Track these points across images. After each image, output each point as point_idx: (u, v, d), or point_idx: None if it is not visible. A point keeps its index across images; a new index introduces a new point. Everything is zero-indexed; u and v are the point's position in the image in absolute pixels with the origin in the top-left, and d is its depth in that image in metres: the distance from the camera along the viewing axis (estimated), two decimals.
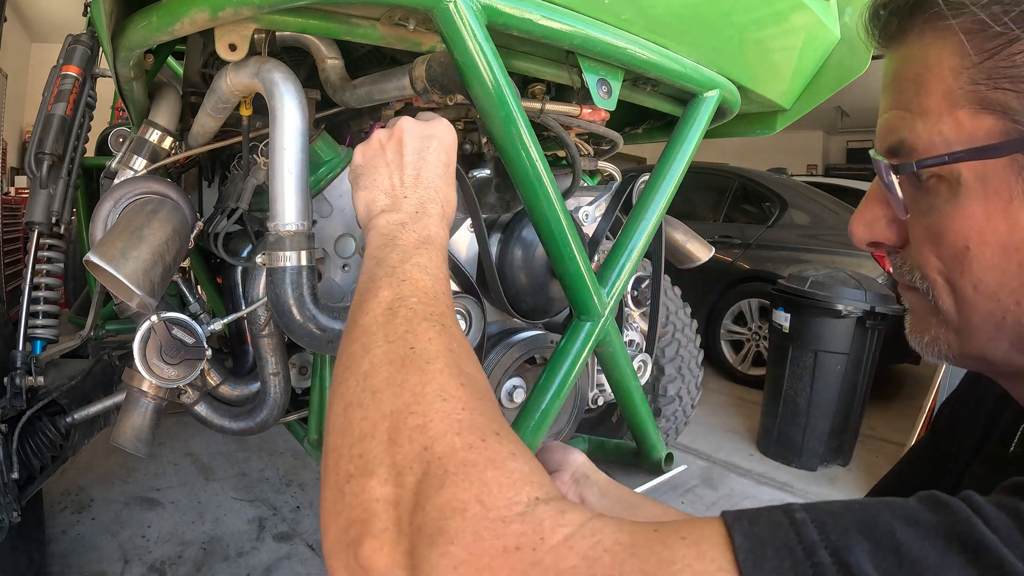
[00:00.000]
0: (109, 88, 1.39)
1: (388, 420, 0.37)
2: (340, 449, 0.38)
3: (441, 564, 0.28)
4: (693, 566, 0.26)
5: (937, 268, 0.39)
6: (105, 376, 1.50)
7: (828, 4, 1.14)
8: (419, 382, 0.39)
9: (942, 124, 0.36)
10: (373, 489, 0.34)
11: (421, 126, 0.67)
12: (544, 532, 0.28)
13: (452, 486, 0.31)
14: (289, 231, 0.77)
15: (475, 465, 0.33)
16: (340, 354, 0.47)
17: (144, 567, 1.84)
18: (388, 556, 0.31)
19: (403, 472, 0.34)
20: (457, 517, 0.30)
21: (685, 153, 1.03)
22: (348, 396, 0.41)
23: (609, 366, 1.03)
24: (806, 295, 2.76)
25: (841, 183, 6.63)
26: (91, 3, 1.37)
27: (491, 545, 0.28)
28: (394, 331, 0.44)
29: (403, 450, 0.35)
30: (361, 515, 0.33)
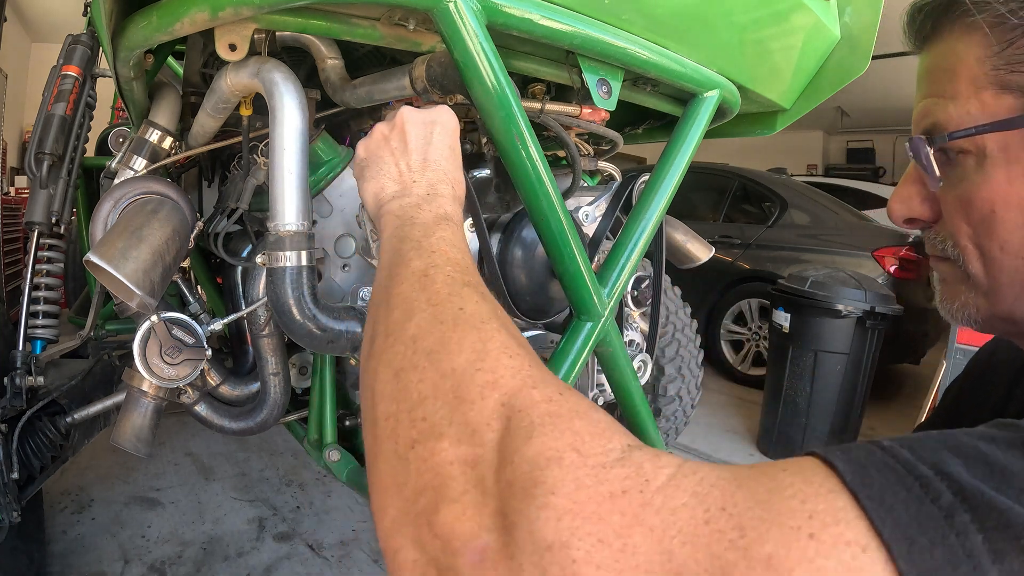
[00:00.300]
0: (109, 88, 1.39)
1: (450, 379, 0.35)
2: (397, 416, 0.35)
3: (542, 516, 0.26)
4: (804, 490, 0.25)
5: (967, 234, 0.44)
6: (105, 376, 1.50)
7: (828, 4, 1.14)
8: (478, 339, 0.38)
9: (969, 104, 0.42)
10: (444, 451, 0.31)
11: (422, 113, 0.67)
12: (647, 474, 0.27)
13: (542, 436, 0.29)
14: (289, 231, 0.77)
15: (561, 416, 0.31)
16: (376, 325, 0.44)
17: (144, 567, 1.84)
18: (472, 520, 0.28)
19: (478, 430, 0.31)
20: (553, 467, 0.28)
21: (685, 153, 1.03)
22: (397, 362, 0.38)
23: (609, 366, 1.03)
24: (806, 295, 2.76)
25: (841, 183, 6.64)
26: (91, 3, 1.37)
27: (596, 491, 0.27)
28: (436, 295, 0.43)
29: (475, 407, 0.33)
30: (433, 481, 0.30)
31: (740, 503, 0.25)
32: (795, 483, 0.26)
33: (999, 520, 0.23)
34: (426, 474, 0.31)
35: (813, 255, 3.97)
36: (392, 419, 0.36)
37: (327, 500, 2.31)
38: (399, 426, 0.35)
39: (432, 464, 0.31)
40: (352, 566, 1.92)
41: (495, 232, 1.18)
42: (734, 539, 0.24)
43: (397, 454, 0.33)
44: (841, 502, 0.25)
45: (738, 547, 0.24)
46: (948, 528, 0.23)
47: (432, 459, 0.31)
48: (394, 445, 0.34)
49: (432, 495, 0.30)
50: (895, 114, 9.47)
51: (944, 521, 0.23)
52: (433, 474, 0.31)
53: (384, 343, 0.41)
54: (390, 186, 0.62)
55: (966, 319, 0.48)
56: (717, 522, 0.25)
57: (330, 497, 2.33)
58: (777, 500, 0.25)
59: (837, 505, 0.24)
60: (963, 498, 0.24)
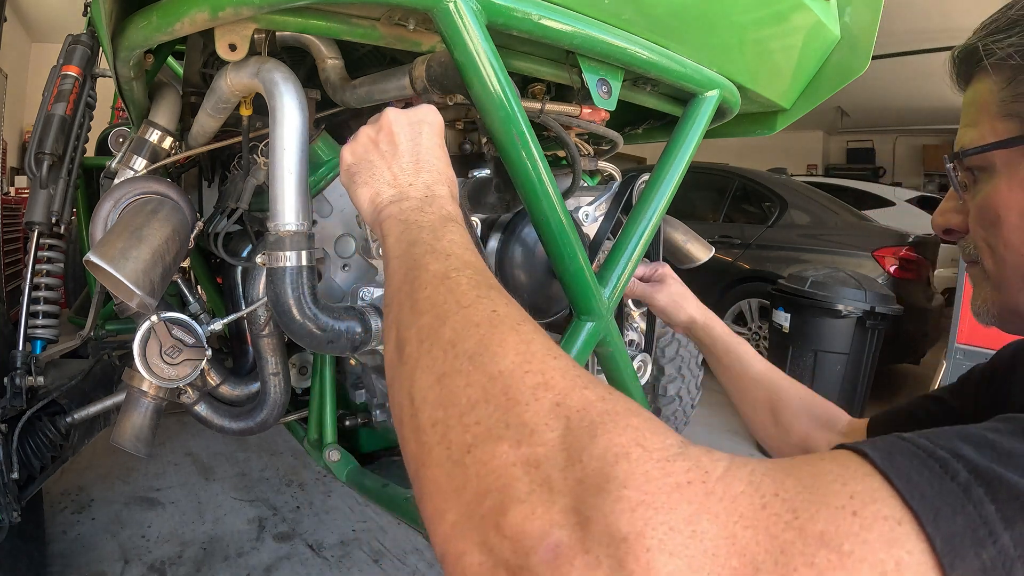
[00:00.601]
0: (109, 88, 1.39)
1: (499, 381, 0.35)
2: (448, 421, 0.35)
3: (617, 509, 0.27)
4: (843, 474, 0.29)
5: (982, 236, 0.53)
6: (105, 376, 1.50)
7: (828, 4, 1.14)
8: (520, 340, 0.38)
9: (983, 130, 0.52)
10: (505, 454, 0.32)
11: (407, 113, 0.66)
12: (706, 466, 0.29)
13: (606, 434, 0.31)
14: (289, 231, 0.77)
15: (618, 414, 0.32)
16: (403, 331, 0.44)
17: (144, 567, 1.84)
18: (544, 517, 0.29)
19: (537, 430, 0.32)
20: (622, 462, 0.29)
21: (685, 153, 1.03)
22: (437, 367, 0.38)
23: (609, 366, 1.03)
24: (806, 295, 2.76)
25: (841, 183, 6.65)
26: (91, 3, 1.37)
27: (664, 483, 0.28)
28: (465, 297, 0.43)
29: (531, 408, 0.33)
30: (496, 483, 0.31)
31: (790, 488, 0.28)
32: (834, 469, 0.29)
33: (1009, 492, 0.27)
34: (488, 477, 0.31)
35: (813, 255, 3.97)
36: (441, 425, 0.36)
37: (327, 500, 2.31)
38: (451, 431, 0.35)
39: (494, 467, 0.32)
40: (352, 566, 1.92)
41: (495, 232, 1.18)
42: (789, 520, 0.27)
43: (451, 459, 0.34)
44: (876, 483, 0.28)
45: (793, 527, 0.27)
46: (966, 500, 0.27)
47: (493, 462, 0.32)
48: (447, 451, 0.34)
49: (497, 497, 0.30)
50: (895, 114, 9.47)
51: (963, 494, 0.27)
52: (495, 476, 0.31)
53: (419, 349, 0.41)
54: (386, 191, 0.61)
55: (987, 314, 0.56)
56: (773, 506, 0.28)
57: (330, 497, 2.33)
58: (821, 484, 0.28)
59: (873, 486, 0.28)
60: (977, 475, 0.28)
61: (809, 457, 0.31)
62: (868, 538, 0.26)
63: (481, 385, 0.36)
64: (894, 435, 0.31)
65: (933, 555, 0.26)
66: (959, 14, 6.47)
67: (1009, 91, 0.50)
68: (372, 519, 2.19)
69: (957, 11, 6.41)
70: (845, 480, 0.29)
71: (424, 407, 0.38)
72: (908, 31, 6.41)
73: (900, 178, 10.01)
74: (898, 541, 0.26)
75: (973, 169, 0.53)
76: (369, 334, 0.85)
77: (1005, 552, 0.26)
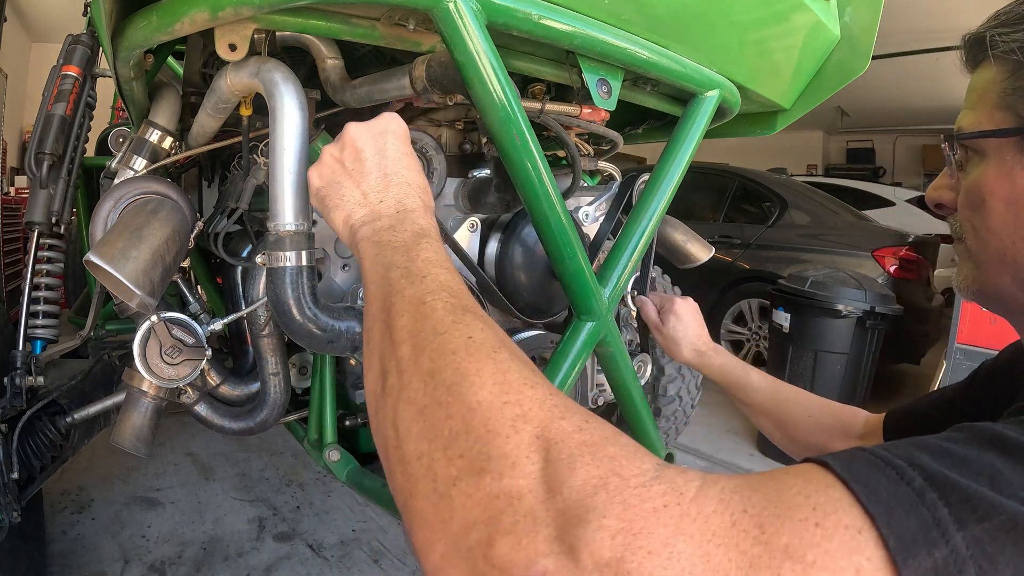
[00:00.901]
0: (109, 88, 1.39)
1: (479, 412, 0.36)
2: (432, 454, 0.36)
3: (598, 537, 0.29)
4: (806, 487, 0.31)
5: (967, 216, 0.55)
6: (105, 376, 1.50)
7: (828, 4, 1.14)
8: (497, 370, 0.39)
9: (981, 115, 0.54)
10: (488, 486, 0.33)
11: (369, 126, 0.65)
12: (680, 488, 0.31)
13: (584, 466, 0.32)
14: (289, 231, 0.77)
15: (595, 444, 0.34)
16: (384, 361, 0.45)
17: (144, 567, 1.84)
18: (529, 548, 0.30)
19: (518, 463, 0.33)
20: (601, 493, 0.31)
21: (685, 153, 1.03)
22: (418, 399, 0.39)
23: (609, 366, 1.03)
24: (806, 295, 2.76)
25: (841, 183, 6.64)
26: (91, 3, 1.37)
27: (641, 509, 0.30)
28: (441, 323, 0.43)
29: (511, 442, 0.34)
30: (482, 516, 0.32)
31: (757, 504, 0.30)
32: (798, 483, 0.31)
33: (961, 496, 0.29)
34: (474, 510, 0.33)
35: (813, 255, 3.97)
36: (426, 458, 0.36)
37: (327, 500, 2.31)
38: (435, 464, 0.36)
39: (478, 499, 0.33)
40: (352, 566, 1.92)
41: (495, 232, 1.18)
42: (756, 535, 0.29)
43: (437, 492, 0.35)
44: (837, 493, 0.30)
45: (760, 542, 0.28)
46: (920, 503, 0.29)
47: (477, 494, 0.33)
48: (433, 483, 0.35)
49: (484, 529, 0.32)
50: (895, 114, 9.46)
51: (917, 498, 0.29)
52: (481, 509, 0.32)
53: (399, 380, 0.42)
54: (357, 211, 0.61)
55: (967, 290, 0.58)
56: (741, 523, 0.29)
57: (330, 497, 2.33)
58: (786, 498, 0.30)
59: (834, 496, 0.30)
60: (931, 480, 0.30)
61: (776, 472, 0.33)
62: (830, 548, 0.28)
63: (461, 416, 0.37)
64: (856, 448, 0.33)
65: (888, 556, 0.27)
66: (959, 14, 6.46)
67: (1009, 83, 0.52)
68: (372, 519, 2.19)
69: (957, 11, 6.41)
70: (808, 493, 0.30)
71: (408, 439, 0.38)
72: (908, 31, 6.40)
73: (900, 178, 10.01)
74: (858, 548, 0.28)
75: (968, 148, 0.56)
76: None
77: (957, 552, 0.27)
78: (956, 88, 8.29)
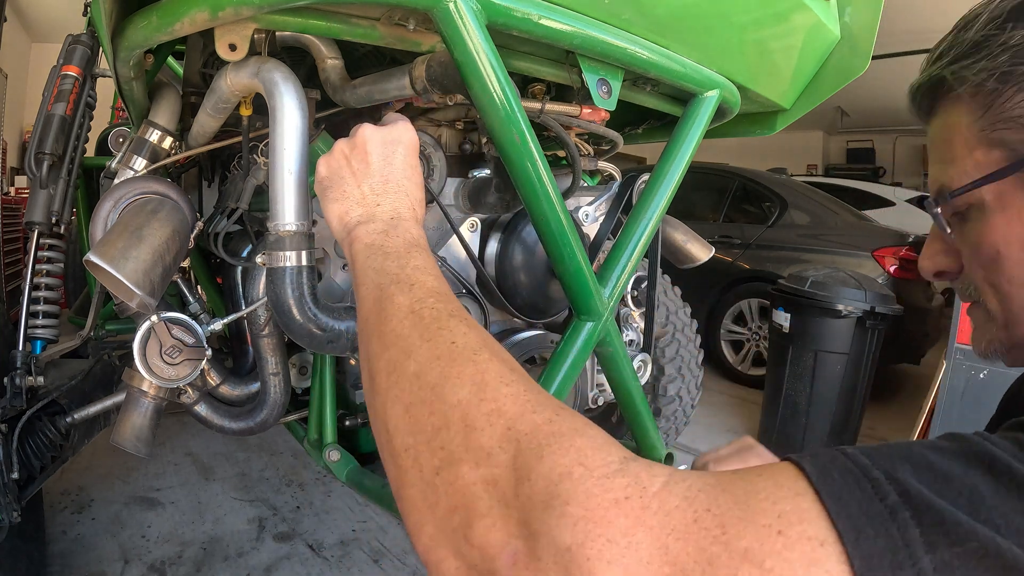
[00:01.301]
0: (109, 88, 1.39)
1: (458, 410, 0.39)
2: (417, 447, 0.40)
3: (561, 524, 0.31)
4: (775, 492, 0.30)
5: (983, 276, 0.50)
6: (105, 376, 1.50)
7: (828, 4, 1.14)
8: (476, 371, 0.42)
9: (966, 164, 0.48)
10: (466, 475, 0.36)
11: (383, 131, 0.68)
12: (644, 482, 0.32)
13: (551, 456, 0.34)
14: (289, 231, 0.77)
15: (563, 435, 0.35)
16: (375, 361, 0.48)
17: (144, 567, 1.84)
18: (502, 530, 0.33)
19: (492, 453, 0.36)
20: (565, 481, 0.32)
21: (685, 153, 1.03)
22: (405, 397, 0.43)
23: (609, 366, 1.03)
24: (806, 295, 2.76)
25: (841, 183, 6.64)
26: (91, 3, 1.37)
27: (603, 499, 0.31)
28: (427, 331, 0.47)
29: (485, 434, 0.37)
30: (461, 501, 0.35)
31: (722, 504, 0.30)
32: (768, 487, 0.31)
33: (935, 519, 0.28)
34: (455, 496, 0.36)
35: (813, 255, 3.96)
36: (412, 450, 0.40)
37: (327, 500, 2.31)
38: (420, 456, 0.39)
39: (459, 487, 0.36)
40: (352, 566, 1.92)
41: (495, 232, 1.18)
42: (717, 535, 0.29)
43: (424, 480, 0.38)
44: (806, 504, 0.29)
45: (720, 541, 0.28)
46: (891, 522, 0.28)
47: (457, 482, 0.36)
48: (419, 473, 0.38)
49: (464, 513, 0.35)
50: (895, 114, 9.45)
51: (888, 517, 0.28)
52: (461, 495, 0.35)
53: (387, 381, 0.45)
54: (355, 209, 0.64)
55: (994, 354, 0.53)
56: (703, 521, 0.29)
57: (330, 497, 2.33)
58: (753, 502, 0.30)
59: (803, 507, 0.29)
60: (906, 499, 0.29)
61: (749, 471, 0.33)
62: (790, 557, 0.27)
63: (443, 413, 0.40)
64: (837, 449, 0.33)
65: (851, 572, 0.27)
66: (959, 14, 6.46)
67: (988, 118, 0.46)
68: (372, 519, 2.19)
69: (957, 11, 6.39)
70: (776, 499, 0.30)
71: (397, 434, 0.42)
72: (908, 31, 6.40)
73: (900, 178, 10.01)
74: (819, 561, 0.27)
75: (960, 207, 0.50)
76: None
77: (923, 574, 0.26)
78: None
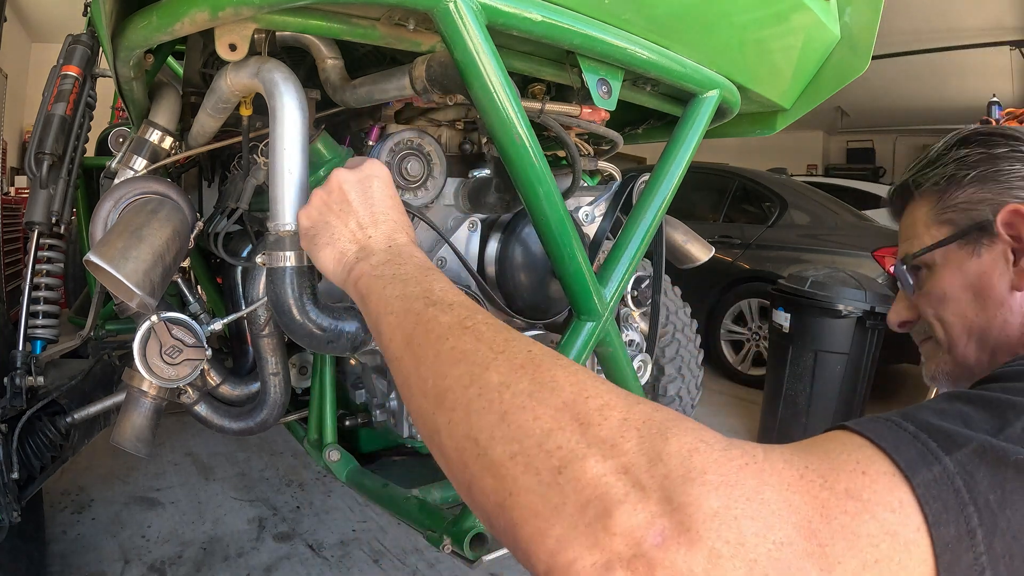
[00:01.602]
0: (109, 88, 1.39)
1: (566, 412, 0.40)
2: (526, 452, 0.40)
3: (705, 491, 0.34)
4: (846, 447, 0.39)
5: (934, 314, 0.71)
6: (105, 376, 1.50)
7: (828, 4, 1.14)
8: (568, 373, 0.44)
9: (924, 238, 0.71)
10: (594, 467, 0.37)
11: (355, 172, 0.70)
12: (751, 451, 0.37)
13: (673, 436, 0.37)
14: (289, 231, 0.77)
15: (675, 419, 0.39)
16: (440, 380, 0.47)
17: (144, 567, 1.84)
18: (645, 511, 0.34)
19: (617, 443, 0.38)
20: (696, 456, 0.36)
21: (685, 153, 1.03)
22: (496, 408, 0.43)
23: (609, 366, 1.03)
24: (806, 295, 2.76)
25: (841, 183, 6.63)
26: (91, 3, 1.37)
27: (730, 467, 0.35)
28: (495, 343, 0.48)
29: (604, 427, 0.39)
30: (595, 493, 0.36)
31: (814, 462, 0.37)
32: (837, 446, 0.39)
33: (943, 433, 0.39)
34: (585, 490, 0.36)
35: (813, 255, 3.96)
36: (521, 456, 0.40)
37: (327, 500, 2.31)
38: (533, 460, 0.39)
39: (588, 481, 0.36)
40: (352, 566, 1.92)
41: (495, 232, 1.18)
42: (822, 484, 0.35)
43: (543, 483, 0.38)
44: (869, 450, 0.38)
45: (826, 487, 0.35)
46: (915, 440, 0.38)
47: (585, 476, 0.37)
48: (536, 477, 0.39)
49: (599, 504, 0.35)
50: (895, 114, 9.46)
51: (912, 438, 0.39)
52: (592, 488, 0.36)
53: (465, 394, 0.45)
54: (350, 248, 0.65)
55: (943, 376, 0.72)
56: (808, 476, 0.36)
57: (330, 497, 2.33)
58: (834, 456, 0.38)
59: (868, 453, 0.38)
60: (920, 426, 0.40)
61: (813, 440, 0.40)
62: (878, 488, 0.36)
63: (550, 416, 0.41)
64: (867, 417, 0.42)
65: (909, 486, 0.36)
66: (959, 14, 6.46)
67: (940, 206, 0.69)
68: (372, 519, 2.19)
69: (957, 11, 6.41)
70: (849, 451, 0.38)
71: (493, 444, 0.42)
72: (908, 31, 6.40)
73: (893, 178, 10.00)
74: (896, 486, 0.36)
75: (919, 268, 0.72)
76: (369, 334, 0.85)
77: (948, 469, 0.36)
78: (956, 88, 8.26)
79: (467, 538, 0.97)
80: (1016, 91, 7.54)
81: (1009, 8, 6.27)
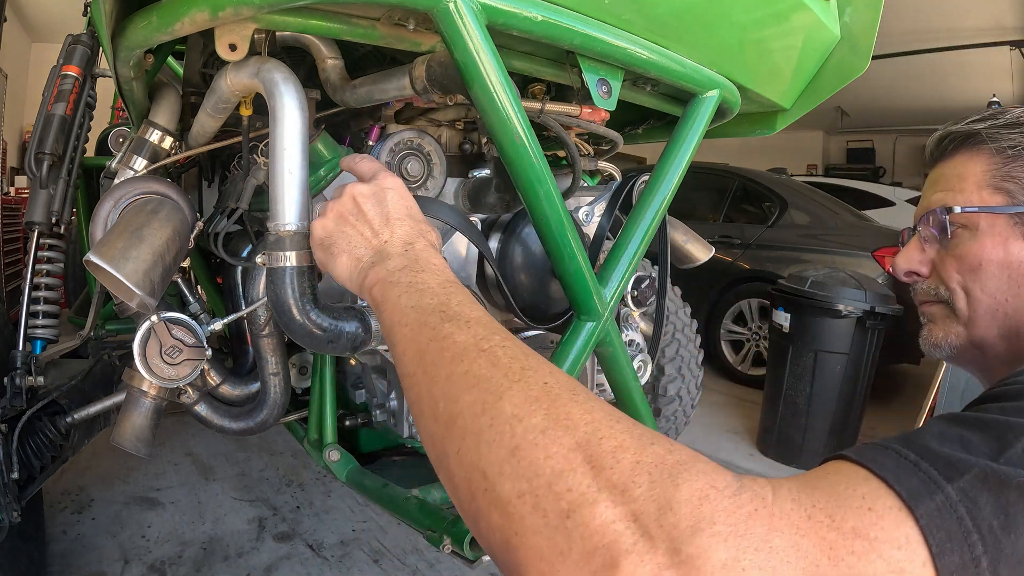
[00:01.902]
0: (109, 88, 1.39)
1: (579, 452, 0.39)
2: (535, 492, 0.38)
3: (714, 543, 0.33)
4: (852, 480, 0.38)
5: (958, 280, 0.67)
6: (105, 376, 1.50)
7: (828, 4, 1.14)
8: (583, 411, 0.42)
9: (972, 197, 0.66)
10: (604, 513, 0.35)
11: (368, 184, 0.68)
12: (761, 494, 0.36)
13: (684, 483, 0.36)
14: (289, 231, 0.76)
15: (687, 462, 0.38)
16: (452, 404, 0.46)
17: (144, 567, 1.84)
18: (651, 562, 0.33)
19: (627, 489, 0.36)
20: (705, 504, 0.35)
21: (685, 153, 1.03)
22: (507, 442, 0.41)
23: (609, 366, 1.03)
24: (806, 295, 2.76)
25: (841, 183, 6.64)
26: (91, 3, 1.37)
27: (738, 514, 0.35)
28: (511, 371, 0.46)
29: (616, 471, 0.37)
30: (602, 541, 0.35)
31: (820, 500, 0.37)
32: (842, 480, 0.39)
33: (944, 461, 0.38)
34: (592, 537, 0.35)
35: (813, 255, 3.96)
36: (530, 495, 0.38)
37: (327, 500, 2.31)
38: (542, 500, 0.38)
39: (596, 527, 0.35)
40: (352, 566, 1.92)
41: (495, 232, 1.18)
42: (829, 524, 0.35)
43: (551, 526, 0.37)
44: (874, 483, 0.38)
45: (833, 528, 0.35)
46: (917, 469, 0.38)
47: (594, 523, 0.35)
48: (544, 519, 0.37)
49: (605, 552, 0.34)
50: (895, 114, 9.46)
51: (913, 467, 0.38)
52: (600, 536, 0.35)
53: (476, 423, 0.43)
54: (365, 254, 0.63)
55: (948, 348, 0.68)
56: (815, 516, 0.36)
57: (330, 497, 2.33)
58: (840, 492, 0.37)
59: (873, 486, 0.38)
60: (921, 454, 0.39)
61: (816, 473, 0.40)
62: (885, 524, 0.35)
63: (562, 456, 0.39)
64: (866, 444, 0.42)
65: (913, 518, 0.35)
66: (959, 14, 6.46)
67: (1004, 171, 0.65)
68: (372, 519, 2.19)
69: (957, 11, 6.41)
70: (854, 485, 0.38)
71: (502, 480, 0.40)
72: (908, 31, 6.40)
73: (900, 178, 10.00)
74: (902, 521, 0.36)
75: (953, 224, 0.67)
76: (369, 334, 0.85)
77: (950, 498, 0.36)
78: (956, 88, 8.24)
79: (467, 538, 0.97)
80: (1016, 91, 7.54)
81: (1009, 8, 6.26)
